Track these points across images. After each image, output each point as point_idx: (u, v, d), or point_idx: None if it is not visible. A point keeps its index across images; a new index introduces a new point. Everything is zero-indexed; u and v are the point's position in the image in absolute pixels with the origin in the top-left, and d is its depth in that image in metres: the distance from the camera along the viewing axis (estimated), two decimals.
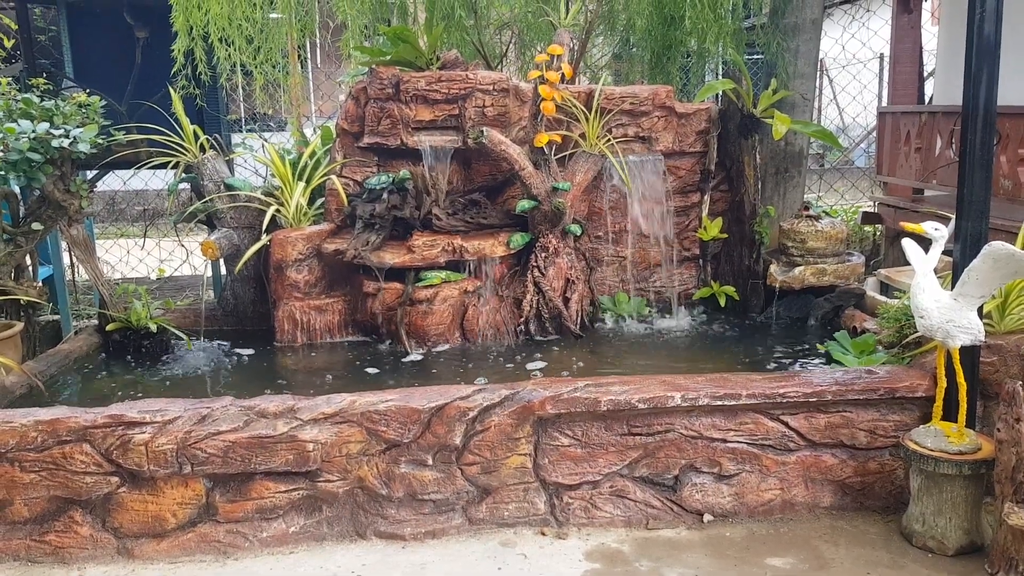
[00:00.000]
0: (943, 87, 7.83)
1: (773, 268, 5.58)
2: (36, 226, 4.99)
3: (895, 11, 7.89)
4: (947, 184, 6.62)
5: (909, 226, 3.84)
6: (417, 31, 5.65)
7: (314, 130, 6.66)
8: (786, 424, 4.02)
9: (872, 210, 7.86)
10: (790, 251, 5.63)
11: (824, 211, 5.78)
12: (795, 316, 5.64)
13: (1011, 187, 5.85)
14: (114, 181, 8.52)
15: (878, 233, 8.05)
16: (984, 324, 4.17)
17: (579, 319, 5.36)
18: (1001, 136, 5.86)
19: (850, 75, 12.78)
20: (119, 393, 4.51)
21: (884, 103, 12.27)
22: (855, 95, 12.95)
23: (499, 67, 6.43)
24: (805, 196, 6.49)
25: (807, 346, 5.08)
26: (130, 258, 8.56)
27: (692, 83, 7.08)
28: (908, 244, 3.94)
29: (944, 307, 3.71)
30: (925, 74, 8.77)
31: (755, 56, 6.81)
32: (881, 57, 14.12)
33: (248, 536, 3.82)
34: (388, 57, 5.40)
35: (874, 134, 10.14)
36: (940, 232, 3.81)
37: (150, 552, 3.78)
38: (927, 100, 8.57)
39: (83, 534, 3.78)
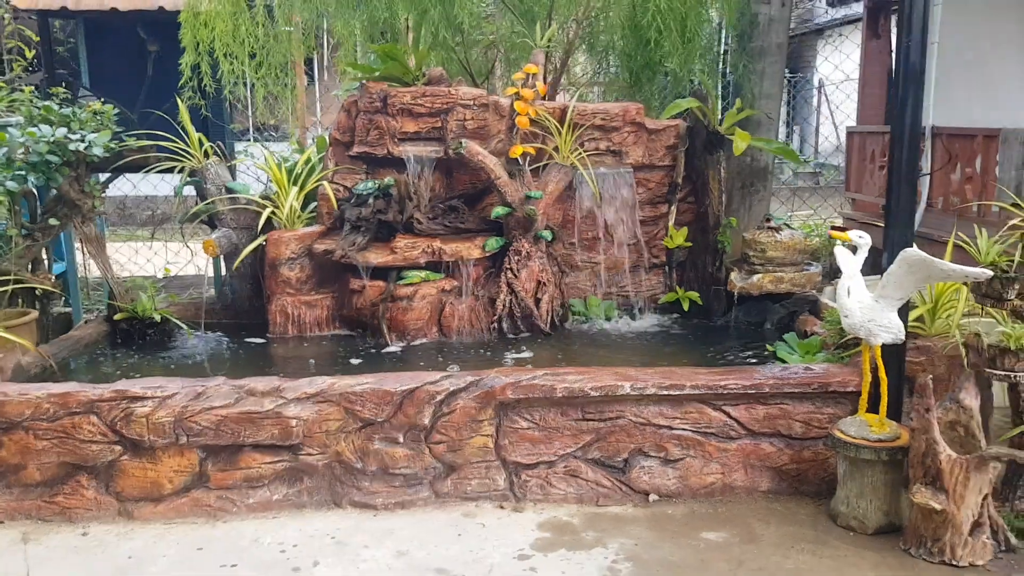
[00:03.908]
0: None
1: (733, 275, 5.94)
2: (53, 222, 5.42)
3: (864, 36, 8.30)
4: None
5: (836, 233, 4.23)
6: (405, 49, 6.08)
7: (312, 140, 7.11)
8: (728, 414, 4.38)
9: (840, 224, 8.24)
10: (751, 260, 5.97)
11: (785, 223, 6.15)
12: (753, 320, 6.01)
13: (958, 203, 6.24)
14: (125, 186, 8.92)
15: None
16: (916, 327, 4.58)
17: (549, 318, 5.74)
18: (951, 156, 6.25)
19: (844, 94, 13.13)
20: (119, 374, 4.90)
21: None
22: (850, 114, 13.31)
23: (485, 83, 6.85)
24: (776, 210, 6.87)
25: (761, 347, 5.42)
26: (138, 258, 8.99)
27: (669, 101, 7.46)
28: (839, 251, 4.28)
29: (866, 307, 4.05)
30: None
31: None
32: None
33: (236, 502, 4.21)
34: (377, 73, 5.81)
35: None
36: (864, 239, 4.18)
37: (148, 514, 4.18)
38: None
39: (88, 497, 4.17)
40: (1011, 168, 5.68)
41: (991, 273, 3.91)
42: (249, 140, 10.40)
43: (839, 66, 11.02)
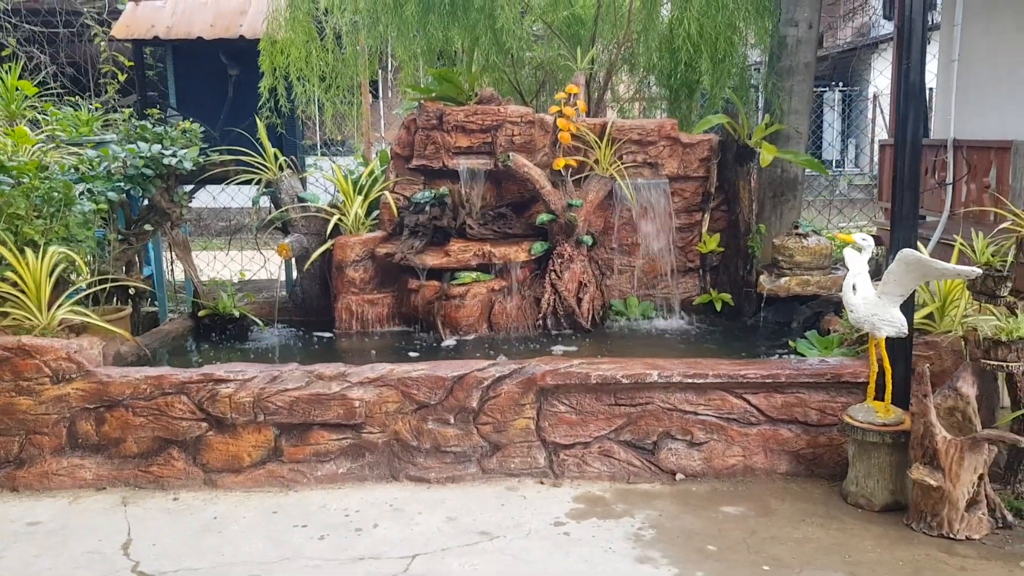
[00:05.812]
0: (935, 123, 8.45)
1: (762, 278, 6.30)
2: (147, 228, 6.07)
3: (895, 52, 8.60)
4: (931, 209, 7.34)
5: (841, 236, 4.66)
6: (460, 72, 6.63)
7: (375, 154, 7.71)
8: (748, 401, 4.77)
9: (875, 233, 8.56)
10: (780, 264, 6.32)
11: (813, 230, 6.54)
12: (781, 320, 6.38)
13: (977, 211, 6.57)
14: (203, 198, 9.49)
15: (879, 253, 8.72)
16: (925, 324, 4.94)
17: (590, 317, 6.19)
18: (971, 167, 6.59)
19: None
20: (203, 362, 5.41)
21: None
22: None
23: (534, 102, 7.36)
24: (814, 219, 7.23)
25: (786, 344, 5.79)
26: (215, 264, 9.66)
27: (706, 116, 7.88)
28: (847, 252, 4.69)
29: (870, 303, 4.44)
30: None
31: None
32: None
33: (306, 474, 4.72)
34: (434, 94, 6.37)
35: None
36: (867, 241, 4.60)
37: (229, 483, 4.71)
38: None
39: (178, 467, 4.71)
40: (1022, 177, 6.01)
41: (980, 271, 4.28)
42: (318, 154, 11.08)
43: (873, 81, 11.27)
